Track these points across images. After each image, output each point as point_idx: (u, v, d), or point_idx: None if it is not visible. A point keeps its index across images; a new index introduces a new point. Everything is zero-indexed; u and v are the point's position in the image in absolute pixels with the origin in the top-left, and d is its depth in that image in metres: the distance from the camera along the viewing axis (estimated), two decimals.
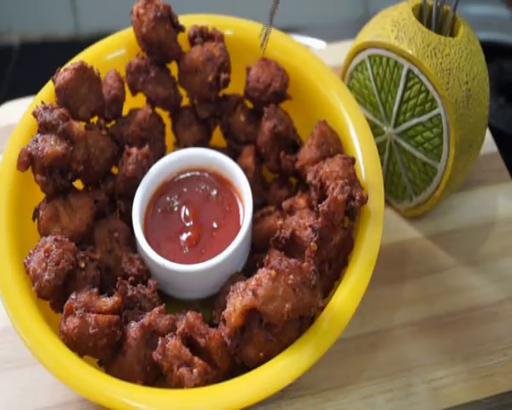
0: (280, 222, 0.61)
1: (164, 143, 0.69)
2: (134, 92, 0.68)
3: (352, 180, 0.58)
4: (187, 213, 0.64)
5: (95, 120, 0.65)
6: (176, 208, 0.64)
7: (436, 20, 0.65)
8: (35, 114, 0.59)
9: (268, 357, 0.52)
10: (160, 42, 0.65)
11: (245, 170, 0.65)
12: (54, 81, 0.61)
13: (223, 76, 0.66)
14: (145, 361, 0.54)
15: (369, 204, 0.58)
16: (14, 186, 0.60)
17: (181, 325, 0.54)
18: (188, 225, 0.63)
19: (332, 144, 0.63)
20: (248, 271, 0.62)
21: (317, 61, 0.68)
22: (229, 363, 0.54)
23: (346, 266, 0.57)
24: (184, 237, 0.63)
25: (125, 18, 0.72)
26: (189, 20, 0.69)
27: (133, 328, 0.55)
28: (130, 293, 0.57)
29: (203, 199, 0.65)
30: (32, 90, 0.69)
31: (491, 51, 0.81)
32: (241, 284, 0.52)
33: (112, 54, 0.69)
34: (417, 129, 0.66)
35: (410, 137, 0.67)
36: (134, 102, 0.68)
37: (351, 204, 0.56)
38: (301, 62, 0.68)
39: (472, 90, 0.62)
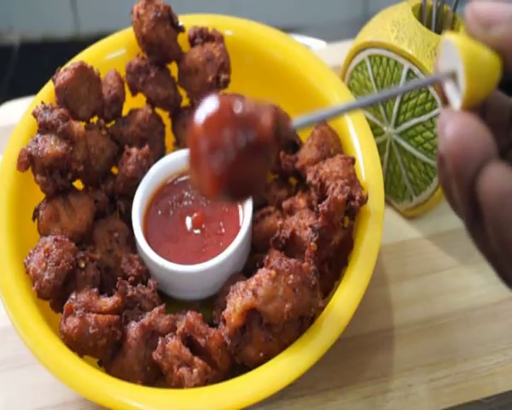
0: (280, 222, 0.61)
1: (164, 144, 0.69)
2: (134, 92, 0.68)
3: (352, 180, 0.58)
4: (187, 213, 0.64)
5: (95, 120, 0.65)
6: (175, 209, 0.64)
7: (436, 20, 0.65)
8: (35, 114, 0.59)
9: (268, 357, 0.52)
10: (160, 42, 0.65)
11: None
12: (54, 81, 0.61)
13: (223, 76, 0.66)
14: (145, 361, 0.54)
15: (369, 204, 0.58)
16: (14, 186, 0.60)
17: (181, 325, 0.54)
18: (187, 225, 0.63)
19: (332, 145, 0.63)
20: (248, 271, 0.62)
21: (317, 61, 0.68)
22: (229, 363, 0.54)
23: (346, 266, 0.57)
24: (184, 237, 0.63)
25: (125, 18, 0.72)
26: (189, 21, 0.69)
27: (133, 328, 0.55)
28: (130, 293, 0.57)
29: (203, 200, 0.65)
30: (32, 90, 0.69)
31: None
32: (241, 284, 0.52)
33: (112, 54, 0.69)
34: (417, 129, 0.66)
35: (411, 137, 0.67)
36: (134, 102, 0.68)
37: (351, 204, 0.56)
38: (301, 62, 0.68)
39: None
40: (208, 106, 0.39)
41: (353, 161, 0.60)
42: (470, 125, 0.34)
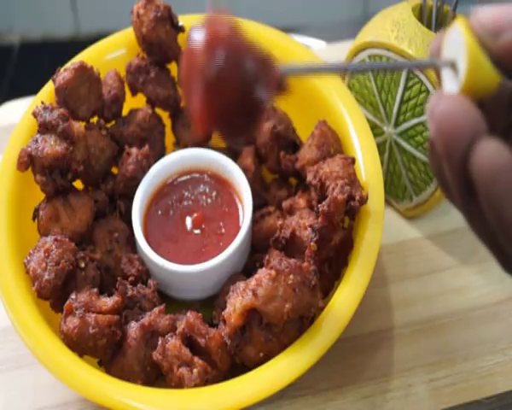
0: (280, 222, 0.61)
1: (164, 144, 0.69)
2: (134, 92, 0.68)
3: (352, 180, 0.58)
4: (187, 213, 0.64)
5: (95, 120, 0.65)
6: (175, 209, 0.64)
7: (436, 20, 0.65)
8: (35, 114, 0.59)
9: (268, 357, 0.52)
10: (160, 42, 0.65)
11: (245, 171, 0.65)
12: (54, 81, 0.61)
13: None
14: (145, 361, 0.54)
15: (369, 204, 0.58)
16: (14, 186, 0.60)
17: (181, 325, 0.54)
18: (187, 225, 0.63)
19: (332, 145, 0.63)
20: (248, 271, 0.62)
21: (317, 61, 0.68)
22: (229, 363, 0.54)
23: (346, 266, 0.57)
24: (184, 237, 0.63)
25: (125, 18, 0.72)
26: (189, 20, 0.69)
27: (133, 328, 0.55)
28: (130, 293, 0.57)
29: (203, 200, 0.65)
30: (32, 90, 0.69)
31: None
32: (241, 284, 0.52)
33: (112, 54, 0.69)
34: (417, 129, 0.66)
35: (411, 137, 0.67)
36: (134, 102, 0.68)
37: (351, 204, 0.56)
38: (301, 62, 0.68)
39: None
40: (213, 32, 0.35)
41: (353, 161, 0.60)
42: (460, 103, 0.34)
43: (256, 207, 0.65)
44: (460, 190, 0.35)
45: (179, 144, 0.70)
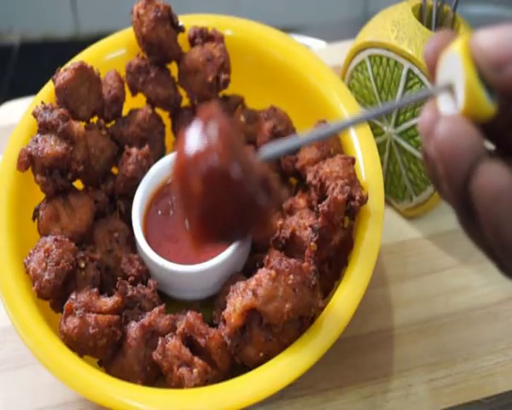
0: (280, 222, 0.61)
1: (164, 144, 0.69)
2: (134, 92, 0.68)
3: (352, 180, 0.58)
4: None
5: (95, 120, 0.65)
6: (175, 209, 0.64)
7: (436, 21, 0.65)
8: (35, 114, 0.59)
9: (268, 357, 0.52)
10: (160, 42, 0.65)
11: None
12: (54, 81, 0.61)
13: (223, 77, 0.66)
14: (145, 361, 0.54)
15: (369, 204, 0.58)
16: (14, 186, 0.60)
17: (181, 325, 0.54)
18: (187, 225, 0.63)
19: (332, 144, 0.63)
20: (248, 271, 0.62)
21: (317, 61, 0.68)
22: (229, 363, 0.54)
23: (346, 266, 0.57)
24: (184, 237, 0.62)
25: (125, 18, 0.72)
26: (189, 21, 0.69)
27: (133, 328, 0.55)
28: (130, 293, 0.57)
29: None
30: (32, 90, 0.69)
31: None
32: (241, 284, 0.52)
33: (112, 54, 0.69)
34: (417, 129, 0.65)
35: (411, 136, 0.67)
36: (134, 102, 0.68)
37: (351, 204, 0.56)
38: (301, 62, 0.68)
39: None
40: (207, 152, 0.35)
41: (353, 161, 0.60)
42: (461, 125, 0.34)
43: None
44: (459, 206, 0.36)
45: None
